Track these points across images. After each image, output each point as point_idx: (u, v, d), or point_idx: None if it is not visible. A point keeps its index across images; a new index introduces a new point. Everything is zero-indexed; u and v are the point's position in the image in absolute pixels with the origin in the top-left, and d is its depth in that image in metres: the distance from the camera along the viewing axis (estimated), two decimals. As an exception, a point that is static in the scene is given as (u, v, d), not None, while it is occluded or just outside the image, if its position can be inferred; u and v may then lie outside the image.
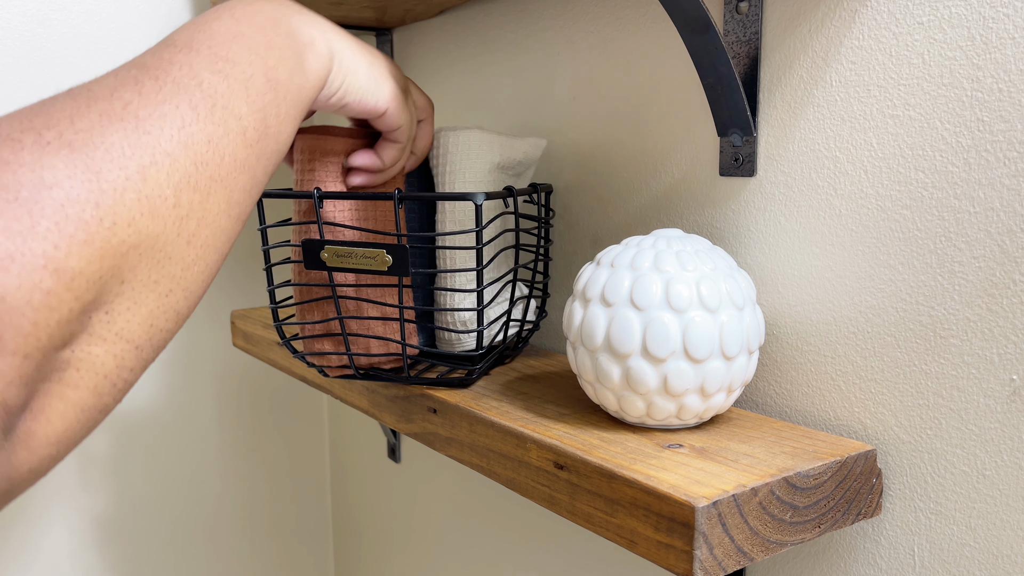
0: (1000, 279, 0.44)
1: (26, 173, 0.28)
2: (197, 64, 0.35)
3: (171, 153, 0.32)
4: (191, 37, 0.37)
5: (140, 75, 0.33)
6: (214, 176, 0.34)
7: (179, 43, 0.36)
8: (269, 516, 1.20)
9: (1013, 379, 0.44)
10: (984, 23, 0.44)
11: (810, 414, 0.54)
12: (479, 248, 0.54)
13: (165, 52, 0.35)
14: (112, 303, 0.31)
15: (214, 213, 0.34)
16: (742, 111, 0.54)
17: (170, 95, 0.33)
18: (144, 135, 0.31)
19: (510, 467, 0.52)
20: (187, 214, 0.33)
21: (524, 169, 0.67)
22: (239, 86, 0.36)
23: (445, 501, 0.98)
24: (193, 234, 0.33)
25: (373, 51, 0.52)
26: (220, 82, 0.35)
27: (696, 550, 0.40)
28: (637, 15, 0.64)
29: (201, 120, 0.34)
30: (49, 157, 0.29)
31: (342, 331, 0.57)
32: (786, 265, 0.54)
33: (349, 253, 0.54)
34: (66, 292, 0.28)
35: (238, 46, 0.37)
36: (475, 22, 0.82)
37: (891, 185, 0.48)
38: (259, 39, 0.39)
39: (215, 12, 0.39)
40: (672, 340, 0.46)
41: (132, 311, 0.31)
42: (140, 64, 0.34)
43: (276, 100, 0.39)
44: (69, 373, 0.30)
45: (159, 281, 0.32)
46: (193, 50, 0.36)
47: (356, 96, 0.49)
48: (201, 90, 0.34)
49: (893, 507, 0.50)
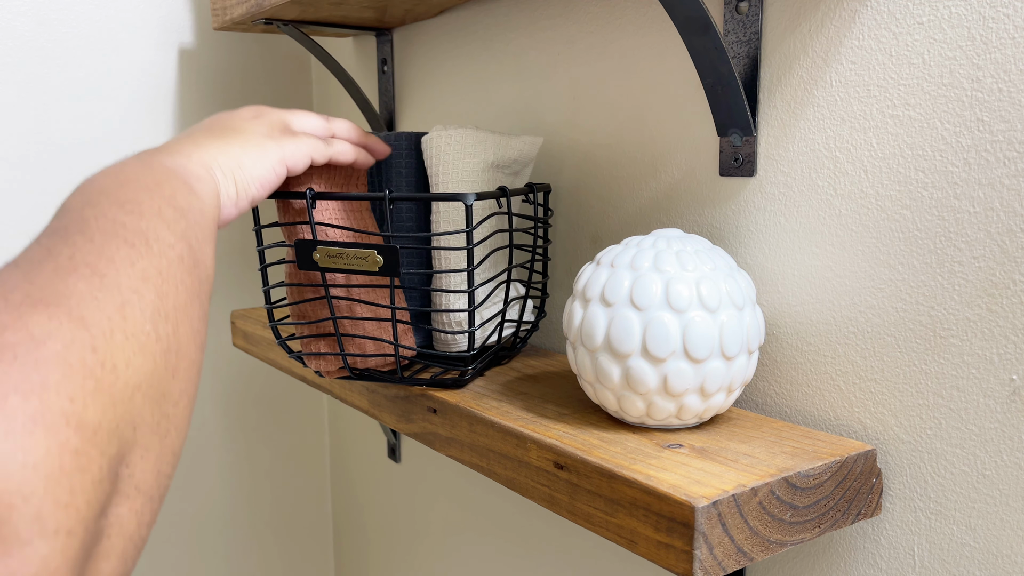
0: (1000, 279, 0.44)
1: (12, 334, 0.26)
2: (109, 211, 0.35)
3: (136, 289, 0.31)
4: (84, 199, 0.36)
5: (64, 235, 0.33)
6: (177, 305, 0.34)
7: (75, 206, 0.35)
8: (269, 516, 1.20)
9: (1013, 379, 0.44)
10: (984, 23, 0.44)
11: (810, 414, 0.54)
12: (470, 248, 0.54)
13: (69, 216, 0.34)
14: (129, 455, 0.29)
15: (186, 342, 0.34)
16: (742, 111, 0.54)
17: (104, 241, 0.32)
18: (103, 278, 0.30)
19: (510, 467, 0.52)
20: (167, 347, 0.32)
21: (521, 168, 0.67)
22: (155, 218, 0.36)
23: (445, 501, 0.98)
24: (175, 367, 0.32)
25: (233, 123, 0.52)
26: (138, 220, 0.35)
27: (696, 550, 0.40)
28: (637, 15, 0.64)
29: (144, 256, 0.33)
30: (29, 312, 0.27)
31: (336, 332, 0.57)
32: (786, 265, 0.54)
33: (341, 254, 0.54)
34: (93, 448, 0.26)
35: (132, 190, 0.37)
36: (475, 22, 0.82)
37: (891, 185, 0.48)
38: (146, 180, 0.39)
39: (89, 180, 0.39)
40: (672, 340, 0.46)
41: (145, 460, 0.30)
42: (52, 231, 0.33)
43: (190, 225, 0.39)
44: (103, 545, 0.27)
45: (159, 423, 0.31)
46: (95, 204, 0.35)
47: (256, 184, 0.49)
48: (128, 230, 0.34)
49: (893, 507, 0.50)
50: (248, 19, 0.86)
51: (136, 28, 1.01)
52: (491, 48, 0.80)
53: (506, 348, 0.67)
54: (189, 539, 1.14)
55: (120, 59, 1.00)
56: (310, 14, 0.85)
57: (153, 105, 1.03)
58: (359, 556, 1.21)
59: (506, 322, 0.62)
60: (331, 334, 0.58)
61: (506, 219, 0.65)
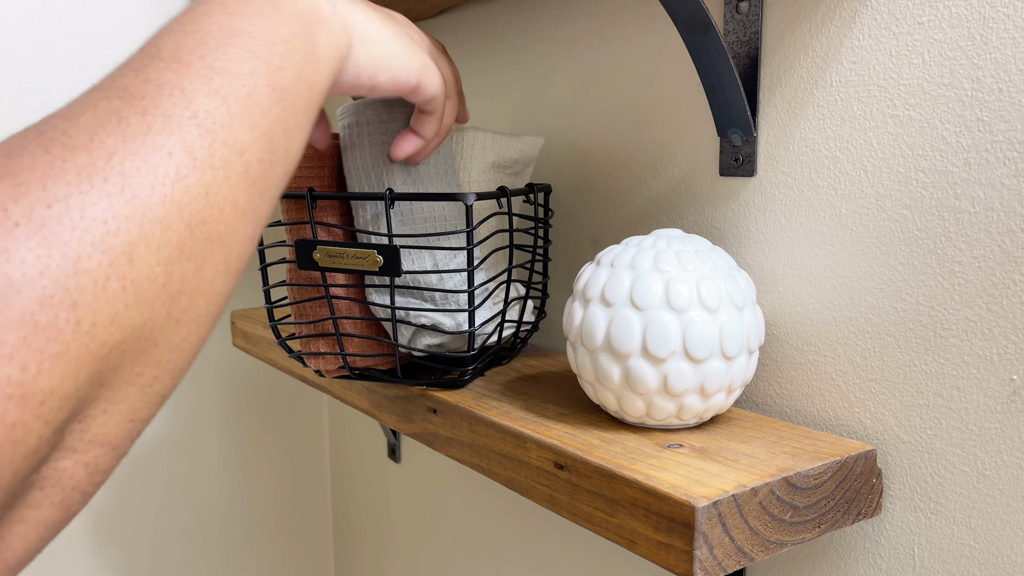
0: (1000, 279, 0.44)
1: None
2: (189, 84, 0.29)
3: (163, 219, 0.26)
4: (179, 44, 0.30)
5: (124, 108, 0.27)
6: (211, 236, 0.28)
7: (166, 53, 0.30)
8: (269, 516, 1.20)
9: (1013, 379, 0.44)
10: (984, 23, 0.44)
11: (810, 414, 0.54)
12: (470, 248, 0.54)
13: (150, 70, 0.29)
14: (87, 411, 0.26)
15: (210, 279, 0.29)
16: (742, 111, 0.54)
17: (161, 135, 0.27)
18: (132, 199, 0.25)
19: (510, 467, 0.52)
20: (179, 290, 0.27)
21: (522, 168, 0.66)
22: (240, 108, 0.30)
23: (445, 501, 0.98)
24: (185, 310, 0.28)
25: (393, 15, 0.46)
26: (218, 107, 0.29)
27: (696, 550, 0.40)
28: (637, 15, 0.64)
29: (199, 167, 0.28)
30: (18, 246, 0.23)
31: (336, 332, 0.57)
32: (786, 265, 0.54)
33: (341, 253, 0.54)
34: (35, 420, 0.23)
35: (235, 50, 0.31)
36: (475, 22, 0.82)
37: (891, 185, 0.48)
38: (259, 35, 0.32)
39: (205, 5, 0.32)
40: (672, 340, 0.46)
41: (109, 412, 0.27)
42: (121, 88, 0.28)
43: (283, 114, 0.32)
44: (32, 495, 0.25)
45: (142, 373, 0.27)
46: (183, 63, 0.29)
47: (388, 74, 0.43)
48: (197, 123, 0.28)
49: (893, 507, 0.50)
50: (248, 19, 0.85)
51: (137, 28, 1.01)
52: (491, 48, 0.80)
53: (506, 348, 0.67)
54: (189, 539, 1.14)
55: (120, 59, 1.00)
56: (310, 14, 0.85)
57: (153, 105, 1.03)
58: (359, 556, 1.21)
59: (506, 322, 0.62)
60: (331, 334, 0.58)
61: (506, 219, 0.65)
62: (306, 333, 0.60)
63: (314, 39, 0.35)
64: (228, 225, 0.29)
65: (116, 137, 0.26)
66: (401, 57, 0.44)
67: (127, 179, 0.26)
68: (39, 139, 0.26)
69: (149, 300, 0.26)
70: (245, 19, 0.32)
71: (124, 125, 0.27)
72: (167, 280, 0.27)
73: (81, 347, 0.24)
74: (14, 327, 0.22)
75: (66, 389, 0.24)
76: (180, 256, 0.27)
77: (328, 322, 0.59)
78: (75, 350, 0.24)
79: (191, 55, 0.30)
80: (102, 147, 0.26)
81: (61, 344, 0.24)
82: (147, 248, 0.26)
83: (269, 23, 0.33)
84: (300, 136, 0.34)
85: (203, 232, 0.28)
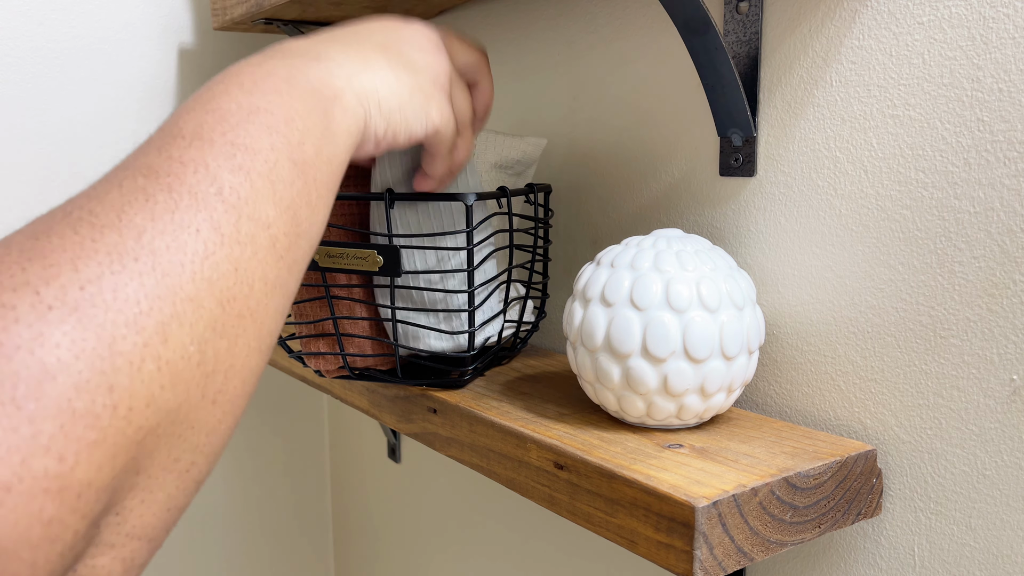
0: (1000, 279, 0.44)
1: (24, 358, 0.22)
2: (213, 161, 0.29)
3: (194, 297, 0.26)
4: (200, 122, 0.30)
5: (150, 185, 0.27)
6: (243, 312, 0.28)
7: (187, 131, 0.30)
8: (269, 516, 1.20)
9: (1013, 379, 0.44)
10: (984, 23, 0.44)
11: (810, 414, 0.54)
12: (470, 249, 0.54)
13: (173, 148, 0.29)
14: (124, 501, 0.25)
15: (243, 357, 0.28)
16: (742, 111, 0.54)
17: (188, 212, 0.27)
18: (163, 278, 0.25)
19: (510, 467, 0.52)
20: (213, 369, 0.27)
21: (524, 168, 0.66)
22: (263, 183, 0.29)
23: (445, 501, 0.98)
24: (220, 391, 0.27)
25: (409, 54, 0.44)
26: (242, 183, 0.29)
27: (696, 550, 0.40)
28: (637, 15, 0.64)
29: (226, 243, 0.27)
30: (52, 329, 0.22)
31: (336, 332, 0.57)
32: (786, 265, 0.54)
33: (341, 253, 0.54)
34: (71, 515, 0.22)
35: (256, 127, 0.31)
36: (475, 22, 0.82)
37: (891, 185, 0.48)
38: (277, 112, 0.32)
39: (222, 84, 0.33)
40: (672, 340, 0.46)
41: (147, 502, 0.25)
42: (147, 168, 0.28)
43: (306, 187, 0.32)
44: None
45: (180, 458, 0.26)
46: (205, 141, 0.29)
47: (406, 134, 0.42)
48: (223, 199, 0.28)
49: (893, 507, 0.50)
50: (248, 19, 0.86)
51: (136, 28, 1.01)
52: (491, 48, 0.80)
53: (506, 348, 0.67)
54: (189, 539, 1.14)
55: (120, 59, 1.00)
56: (310, 14, 0.85)
57: (153, 105, 1.03)
58: (359, 556, 1.21)
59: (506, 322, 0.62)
60: (331, 334, 0.58)
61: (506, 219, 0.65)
62: (306, 333, 0.60)
63: (330, 115, 0.35)
64: (258, 300, 0.29)
65: (144, 215, 0.26)
66: (420, 115, 0.43)
67: (157, 257, 0.25)
68: (66, 219, 0.25)
69: (184, 380, 0.25)
70: (263, 96, 0.32)
71: (151, 203, 0.26)
72: (201, 359, 0.26)
73: (118, 433, 0.23)
74: (51, 415, 0.22)
75: (103, 480, 0.23)
76: (213, 334, 0.26)
77: (328, 322, 0.59)
78: (112, 436, 0.23)
79: (212, 132, 0.30)
80: (131, 225, 0.25)
81: (98, 431, 0.23)
82: (180, 327, 0.25)
83: (286, 99, 0.33)
84: (323, 209, 0.34)
85: (234, 308, 0.27)
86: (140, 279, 0.24)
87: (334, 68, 0.37)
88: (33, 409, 0.21)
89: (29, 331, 0.22)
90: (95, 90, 0.99)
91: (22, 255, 0.24)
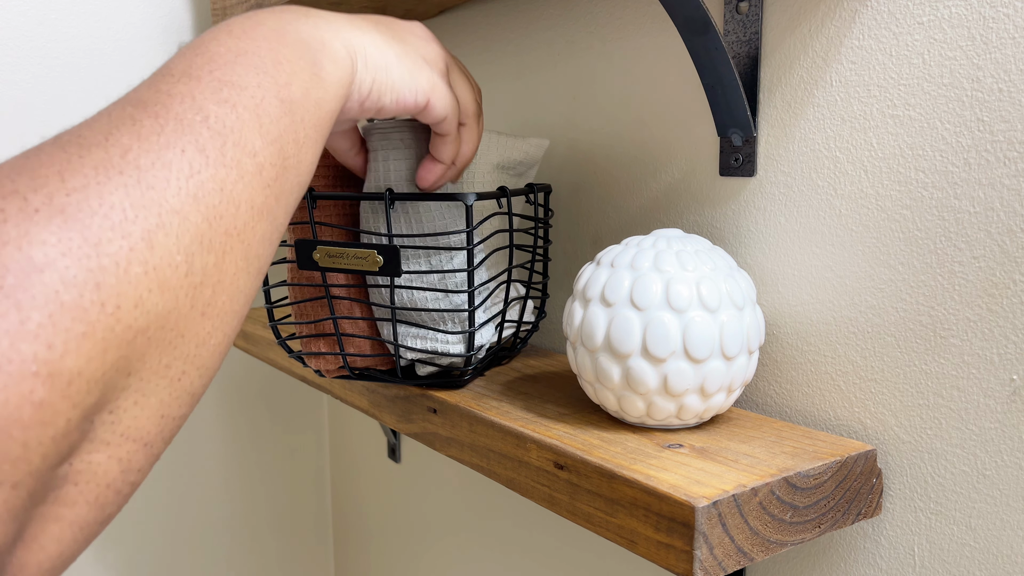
0: (1000, 279, 0.44)
1: (11, 252, 0.23)
2: (200, 94, 0.30)
3: (180, 210, 0.27)
4: (189, 63, 0.32)
5: (137, 112, 0.29)
6: (229, 230, 0.29)
7: (176, 71, 0.32)
8: (269, 516, 1.20)
9: (1013, 379, 0.44)
10: (984, 23, 0.44)
11: (810, 414, 0.54)
12: (470, 248, 0.54)
13: (162, 83, 0.31)
14: (117, 400, 0.26)
15: (231, 274, 0.30)
16: (742, 111, 0.54)
17: (174, 136, 0.28)
18: (148, 190, 0.27)
19: (510, 467, 0.52)
20: (201, 281, 0.28)
21: (526, 169, 0.66)
22: (249, 115, 0.31)
23: (445, 501, 0.98)
24: (208, 303, 0.29)
25: (402, 33, 0.46)
26: (228, 113, 0.31)
27: (696, 550, 0.40)
28: (637, 15, 0.64)
29: (211, 164, 0.29)
30: (38, 229, 0.24)
31: (336, 332, 0.57)
32: (786, 265, 0.54)
33: (341, 253, 0.54)
34: (62, 400, 0.23)
35: (243, 67, 0.33)
36: (475, 22, 0.82)
37: (891, 185, 0.48)
38: (265, 55, 0.34)
39: (212, 33, 0.35)
40: (672, 340, 0.46)
41: (140, 405, 0.27)
42: (136, 100, 0.30)
43: (293, 124, 0.34)
44: (66, 490, 0.25)
45: (171, 365, 0.27)
46: (193, 78, 0.31)
47: (392, 96, 0.43)
48: (208, 126, 0.30)
49: (893, 507, 0.50)
50: (248, 19, 0.85)
51: (136, 28, 1.01)
52: (491, 48, 0.80)
53: (506, 348, 0.67)
54: (189, 539, 1.14)
55: (120, 59, 1.00)
56: (310, 14, 0.85)
57: (153, 105, 1.03)
58: (359, 556, 1.21)
59: (506, 322, 0.62)
60: (331, 334, 0.58)
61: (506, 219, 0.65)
62: (306, 333, 0.60)
63: (319, 63, 0.37)
64: (245, 221, 0.30)
65: (130, 136, 0.28)
66: (407, 78, 0.44)
67: (142, 172, 0.27)
68: (56, 142, 0.27)
69: (172, 288, 0.27)
70: (251, 42, 0.34)
71: (138, 127, 0.28)
72: (189, 269, 0.28)
73: (106, 329, 0.25)
74: (39, 305, 0.23)
75: (93, 372, 0.24)
76: (200, 247, 0.28)
77: (328, 322, 0.59)
78: (100, 331, 0.24)
79: (200, 71, 0.32)
80: (117, 144, 0.27)
81: (86, 324, 0.24)
82: (167, 236, 0.27)
83: (274, 45, 0.35)
84: (311, 149, 0.36)
85: (221, 225, 0.29)
86: (125, 189, 0.26)
87: (322, 23, 0.39)
88: (21, 298, 0.23)
89: (16, 230, 0.23)
90: (95, 90, 0.99)
91: (12, 170, 0.25)
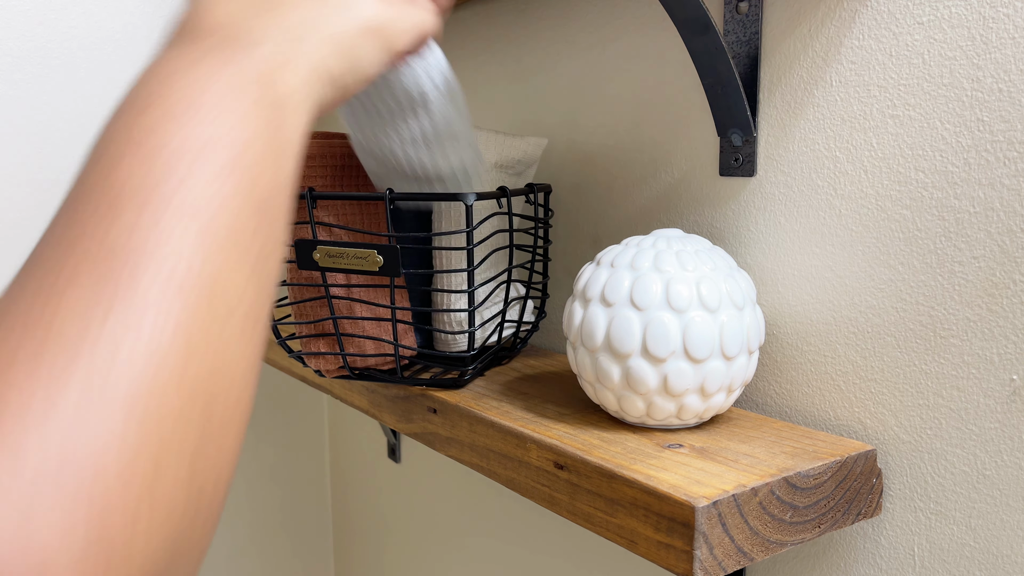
0: (1000, 279, 0.44)
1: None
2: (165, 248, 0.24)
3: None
4: (142, 175, 0.24)
5: (95, 294, 0.22)
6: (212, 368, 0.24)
7: (127, 191, 0.24)
8: (269, 516, 1.20)
9: (1013, 379, 0.44)
10: (984, 23, 0.44)
11: (810, 414, 0.54)
12: (470, 248, 0.54)
13: (114, 226, 0.23)
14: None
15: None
16: (742, 111, 0.54)
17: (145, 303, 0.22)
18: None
19: (510, 467, 0.52)
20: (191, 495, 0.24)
21: (524, 168, 0.67)
22: (230, 265, 0.25)
23: (445, 501, 0.98)
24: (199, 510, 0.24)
25: (328, 10, 0.35)
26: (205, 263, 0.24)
27: (696, 550, 0.40)
28: (637, 15, 0.64)
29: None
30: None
31: (336, 332, 0.57)
32: (786, 265, 0.54)
33: (341, 253, 0.54)
34: None
35: (207, 173, 0.25)
36: (475, 22, 0.82)
37: (891, 185, 0.48)
38: (229, 140, 0.26)
39: (158, 100, 0.26)
40: (672, 340, 0.46)
41: None
42: (87, 255, 0.23)
43: (265, 232, 0.27)
44: None
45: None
46: (151, 207, 0.24)
47: (360, 85, 0.37)
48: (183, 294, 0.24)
49: (893, 507, 0.50)
50: (248, 19, 0.85)
51: (136, 28, 1.01)
52: (491, 48, 0.80)
53: (506, 348, 0.67)
54: (189, 539, 1.14)
55: (120, 59, 1.00)
56: (310, 14, 0.85)
57: (153, 105, 1.03)
58: (359, 556, 1.21)
59: (506, 322, 0.62)
60: (331, 334, 0.58)
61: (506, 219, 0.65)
62: (306, 333, 0.60)
63: (281, 125, 0.30)
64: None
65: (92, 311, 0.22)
66: (369, 56, 0.37)
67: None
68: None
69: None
70: (211, 120, 0.27)
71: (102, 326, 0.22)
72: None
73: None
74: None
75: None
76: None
77: (328, 322, 0.59)
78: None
79: (157, 191, 0.24)
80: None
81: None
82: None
83: (238, 118, 0.28)
84: (281, 235, 0.29)
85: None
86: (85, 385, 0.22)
87: (271, 54, 0.31)
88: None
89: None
90: (95, 90, 0.99)
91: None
